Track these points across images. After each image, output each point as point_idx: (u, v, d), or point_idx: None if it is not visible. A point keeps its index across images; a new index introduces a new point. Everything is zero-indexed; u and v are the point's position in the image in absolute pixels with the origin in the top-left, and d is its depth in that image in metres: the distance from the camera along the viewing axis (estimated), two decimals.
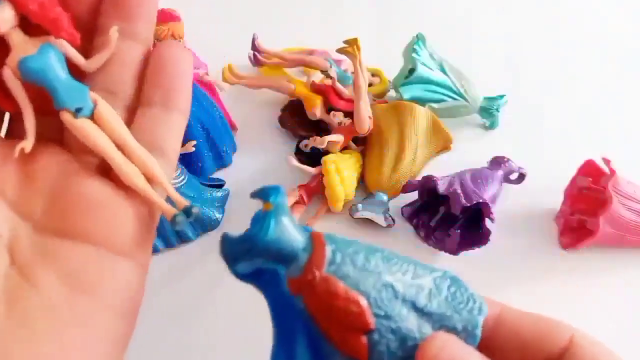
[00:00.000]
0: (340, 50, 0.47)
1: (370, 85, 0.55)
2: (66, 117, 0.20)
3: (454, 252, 0.44)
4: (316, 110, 0.50)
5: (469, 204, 0.42)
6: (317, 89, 0.51)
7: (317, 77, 0.52)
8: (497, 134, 0.55)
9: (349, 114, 0.49)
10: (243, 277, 0.20)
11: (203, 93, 0.47)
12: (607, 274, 0.45)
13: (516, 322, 0.20)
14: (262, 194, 0.20)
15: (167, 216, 0.22)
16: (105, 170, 0.22)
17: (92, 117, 0.21)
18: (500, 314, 0.20)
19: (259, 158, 0.51)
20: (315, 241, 0.20)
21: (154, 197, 0.21)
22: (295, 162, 0.47)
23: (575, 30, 0.68)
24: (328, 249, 0.19)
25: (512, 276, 0.44)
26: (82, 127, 0.20)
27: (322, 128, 0.51)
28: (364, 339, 0.18)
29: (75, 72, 0.21)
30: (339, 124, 0.49)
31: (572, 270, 0.45)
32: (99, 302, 0.20)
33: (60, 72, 0.20)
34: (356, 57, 0.46)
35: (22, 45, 0.19)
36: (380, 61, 0.57)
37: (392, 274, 0.19)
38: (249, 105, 0.56)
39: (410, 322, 0.19)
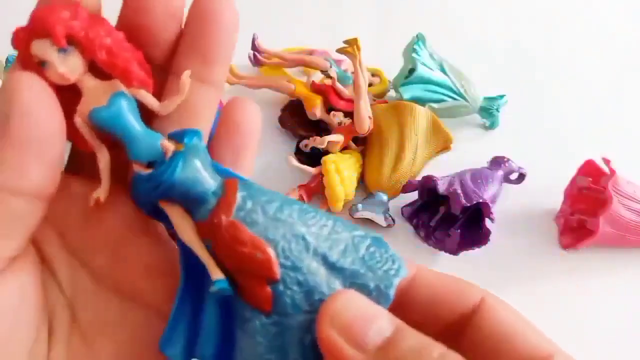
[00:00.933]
0: (340, 50, 0.47)
1: (370, 85, 0.55)
2: (137, 169, 0.19)
3: (454, 252, 0.44)
4: (316, 110, 0.50)
5: (469, 204, 0.42)
6: (317, 89, 0.51)
7: (317, 77, 0.52)
8: (497, 134, 0.55)
9: (349, 114, 0.49)
10: (150, 213, 0.20)
11: None
12: (607, 274, 0.45)
13: (431, 282, 0.20)
14: (177, 135, 0.19)
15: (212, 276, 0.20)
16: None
17: None
18: (416, 274, 0.20)
19: (259, 158, 0.51)
20: (227, 187, 0.19)
21: (209, 262, 0.20)
22: (295, 162, 0.47)
23: (576, 30, 0.68)
24: (239, 195, 0.19)
25: (512, 276, 0.44)
26: None
27: (322, 128, 0.51)
28: (267, 289, 0.18)
29: (148, 114, 0.20)
30: (339, 124, 0.49)
31: (572, 270, 0.45)
32: None
33: (132, 123, 0.19)
34: (356, 57, 0.46)
35: (93, 92, 0.19)
36: (380, 61, 0.57)
37: (306, 226, 0.19)
38: None
39: (319, 276, 0.18)
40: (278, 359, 0.18)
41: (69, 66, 0.18)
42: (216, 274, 0.18)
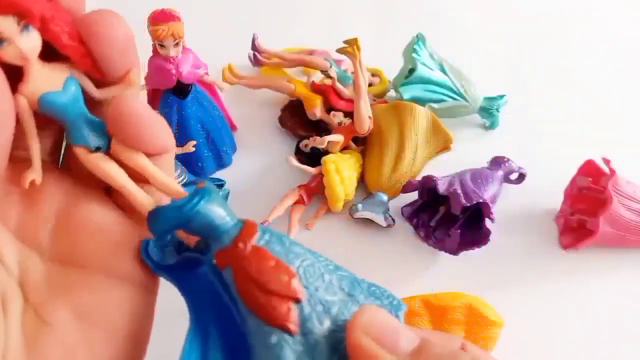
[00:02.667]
0: (340, 50, 0.47)
1: (370, 85, 0.55)
2: (80, 152, 0.19)
3: (454, 252, 0.44)
4: (316, 110, 0.50)
5: (469, 204, 0.42)
6: (317, 89, 0.51)
7: (317, 77, 0.52)
8: (497, 134, 0.55)
9: (349, 114, 0.49)
10: (161, 267, 0.20)
11: (203, 93, 0.47)
12: (607, 274, 0.45)
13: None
14: (198, 181, 0.21)
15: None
16: (108, 191, 0.21)
17: (107, 150, 0.20)
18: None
19: (259, 158, 0.51)
20: (246, 221, 0.20)
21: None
22: (295, 162, 0.47)
23: (576, 30, 0.68)
24: (258, 228, 0.20)
25: (512, 276, 0.44)
26: (96, 163, 0.20)
27: (322, 128, 0.51)
28: (294, 309, 0.18)
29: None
30: (339, 124, 0.49)
31: (572, 270, 0.45)
32: (113, 334, 0.20)
33: (82, 109, 0.19)
34: (356, 57, 0.46)
35: (41, 75, 0.18)
36: (380, 61, 0.57)
37: (317, 260, 0.20)
38: (249, 105, 0.56)
39: (339, 299, 0.19)
40: None
41: (30, 45, 0.18)
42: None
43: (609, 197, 0.42)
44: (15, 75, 0.18)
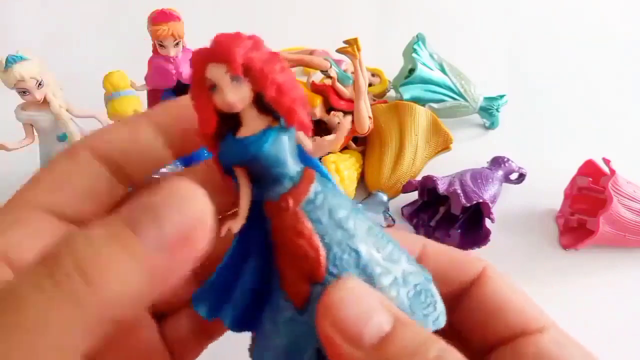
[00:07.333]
0: (340, 50, 0.47)
1: (370, 85, 0.55)
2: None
3: None
4: (316, 110, 0.50)
5: (469, 204, 0.42)
6: (317, 89, 0.51)
7: (317, 77, 0.52)
8: (497, 134, 0.55)
9: (349, 114, 0.49)
10: (226, 171, 0.20)
11: None
12: (607, 273, 0.45)
13: (436, 256, 0.20)
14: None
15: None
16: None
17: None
18: (424, 248, 0.20)
19: None
20: (305, 176, 0.19)
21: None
22: None
23: (576, 31, 0.68)
24: (313, 188, 0.19)
25: (512, 276, 0.44)
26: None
27: (322, 128, 0.51)
28: (307, 287, 0.18)
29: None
30: (339, 124, 0.49)
31: (572, 270, 0.45)
32: None
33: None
34: (356, 57, 0.46)
35: (255, 124, 0.18)
36: (380, 61, 0.57)
37: (365, 244, 0.18)
38: None
39: None
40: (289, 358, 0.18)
41: (238, 95, 0.18)
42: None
43: (609, 197, 0.42)
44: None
